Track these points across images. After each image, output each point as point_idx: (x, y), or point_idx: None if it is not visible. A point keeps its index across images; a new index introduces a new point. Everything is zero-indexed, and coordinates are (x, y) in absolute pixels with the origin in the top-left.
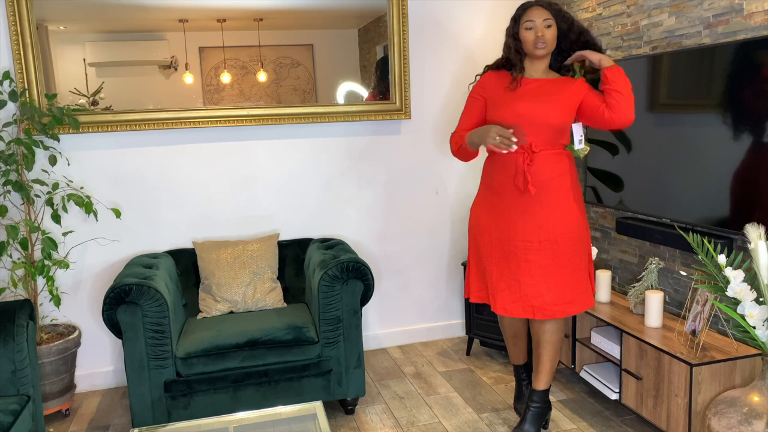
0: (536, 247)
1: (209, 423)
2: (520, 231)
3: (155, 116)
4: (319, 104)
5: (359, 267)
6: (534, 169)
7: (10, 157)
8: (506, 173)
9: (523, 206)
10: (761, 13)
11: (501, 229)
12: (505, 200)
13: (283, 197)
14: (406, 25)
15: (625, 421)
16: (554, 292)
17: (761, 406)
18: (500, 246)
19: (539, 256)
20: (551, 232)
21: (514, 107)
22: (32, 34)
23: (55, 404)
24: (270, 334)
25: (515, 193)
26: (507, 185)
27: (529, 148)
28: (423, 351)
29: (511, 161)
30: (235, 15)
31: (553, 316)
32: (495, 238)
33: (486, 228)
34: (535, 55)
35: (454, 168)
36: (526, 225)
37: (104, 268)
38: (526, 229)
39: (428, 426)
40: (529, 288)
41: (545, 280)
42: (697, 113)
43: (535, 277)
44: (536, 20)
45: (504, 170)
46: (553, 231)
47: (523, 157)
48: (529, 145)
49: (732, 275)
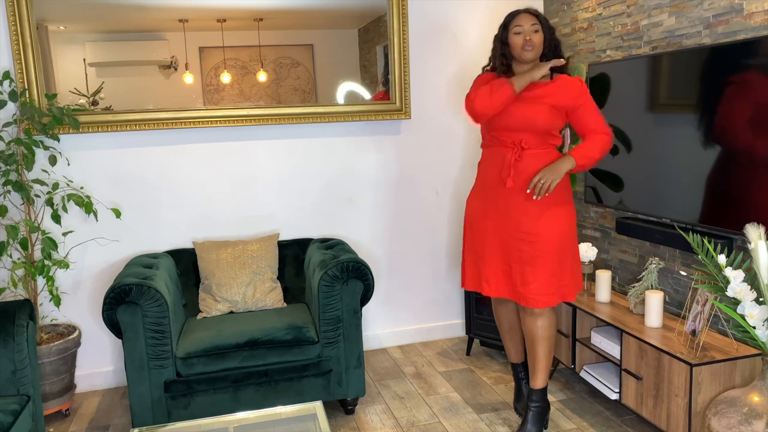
0: (527, 239)
1: (209, 423)
2: (513, 223)
3: (155, 116)
4: (319, 104)
5: (359, 267)
6: (522, 166)
7: (10, 157)
8: (496, 167)
9: (515, 200)
10: (761, 13)
11: (495, 220)
12: (499, 193)
13: (283, 197)
14: (406, 25)
15: (625, 421)
16: (539, 282)
17: (761, 406)
18: (495, 236)
19: (528, 248)
20: (539, 226)
21: (509, 110)
22: (32, 34)
23: (55, 404)
24: (270, 334)
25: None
26: (498, 179)
27: (519, 144)
28: (423, 351)
29: (501, 156)
30: (235, 15)
31: (536, 306)
32: (489, 228)
33: (481, 219)
34: (523, 58)
35: (454, 168)
36: (518, 218)
37: (104, 268)
38: (518, 222)
39: (428, 426)
40: (518, 276)
41: (532, 271)
42: (697, 113)
43: (524, 266)
44: (524, 25)
45: (495, 165)
46: (541, 225)
47: (512, 153)
48: (519, 142)
49: (732, 275)
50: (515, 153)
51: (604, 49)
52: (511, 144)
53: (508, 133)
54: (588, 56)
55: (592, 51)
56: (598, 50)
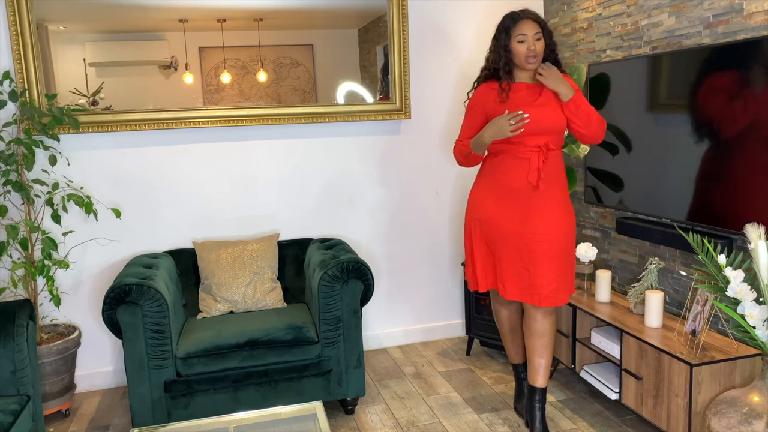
0: (543, 239)
1: (209, 423)
2: (531, 224)
3: (155, 116)
4: (319, 104)
5: (359, 267)
6: (548, 167)
7: (10, 157)
8: (519, 170)
9: (535, 201)
10: (761, 13)
11: (513, 222)
12: (519, 195)
13: (283, 197)
14: (406, 25)
15: (625, 421)
16: (558, 281)
17: (761, 406)
18: (513, 238)
19: (544, 248)
20: (556, 226)
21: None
22: (32, 34)
23: (55, 404)
24: (270, 334)
25: (528, 189)
26: (520, 181)
27: (546, 146)
28: (423, 351)
29: (526, 159)
30: (235, 15)
31: (555, 303)
32: (507, 230)
33: (496, 221)
34: (526, 68)
35: (454, 168)
36: (537, 219)
37: (104, 268)
38: (537, 223)
39: (428, 426)
40: (536, 278)
41: (548, 271)
42: (697, 113)
43: (540, 267)
44: (528, 33)
45: (518, 167)
46: (557, 225)
47: (538, 155)
48: (545, 144)
49: (732, 275)
50: (542, 155)
51: (604, 49)
52: (535, 147)
53: (531, 138)
54: (588, 56)
55: (592, 51)
56: (598, 50)
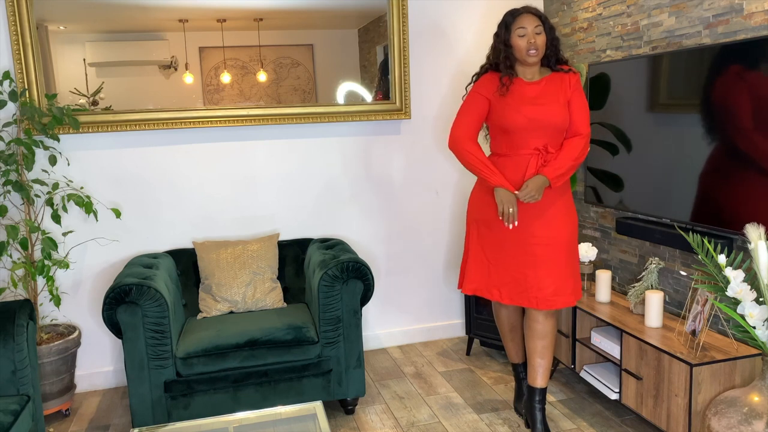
0: (543, 242)
1: (209, 423)
2: (531, 228)
3: (155, 116)
4: (319, 104)
5: (359, 267)
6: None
7: (10, 157)
8: (519, 173)
9: (535, 205)
10: (761, 13)
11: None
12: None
13: (283, 197)
14: (406, 25)
15: (625, 421)
16: (557, 284)
17: (761, 406)
18: (511, 241)
19: (544, 251)
20: (556, 229)
21: (523, 111)
22: (32, 34)
23: (55, 404)
24: (270, 334)
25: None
26: (519, 184)
27: (545, 149)
28: (423, 351)
29: (525, 162)
30: (235, 15)
31: (553, 307)
32: (506, 234)
33: (496, 223)
34: (527, 62)
35: (454, 168)
36: (538, 222)
37: (104, 268)
38: (537, 226)
39: (428, 426)
40: (534, 281)
41: (548, 274)
42: (697, 113)
43: (540, 270)
44: (528, 27)
45: (517, 170)
46: (558, 228)
47: (537, 159)
48: (544, 147)
49: (732, 275)
50: (540, 158)
51: (604, 49)
52: (534, 150)
53: (531, 138)
54: (588, 56)
55: (592, 51)
56: (598, 50)
